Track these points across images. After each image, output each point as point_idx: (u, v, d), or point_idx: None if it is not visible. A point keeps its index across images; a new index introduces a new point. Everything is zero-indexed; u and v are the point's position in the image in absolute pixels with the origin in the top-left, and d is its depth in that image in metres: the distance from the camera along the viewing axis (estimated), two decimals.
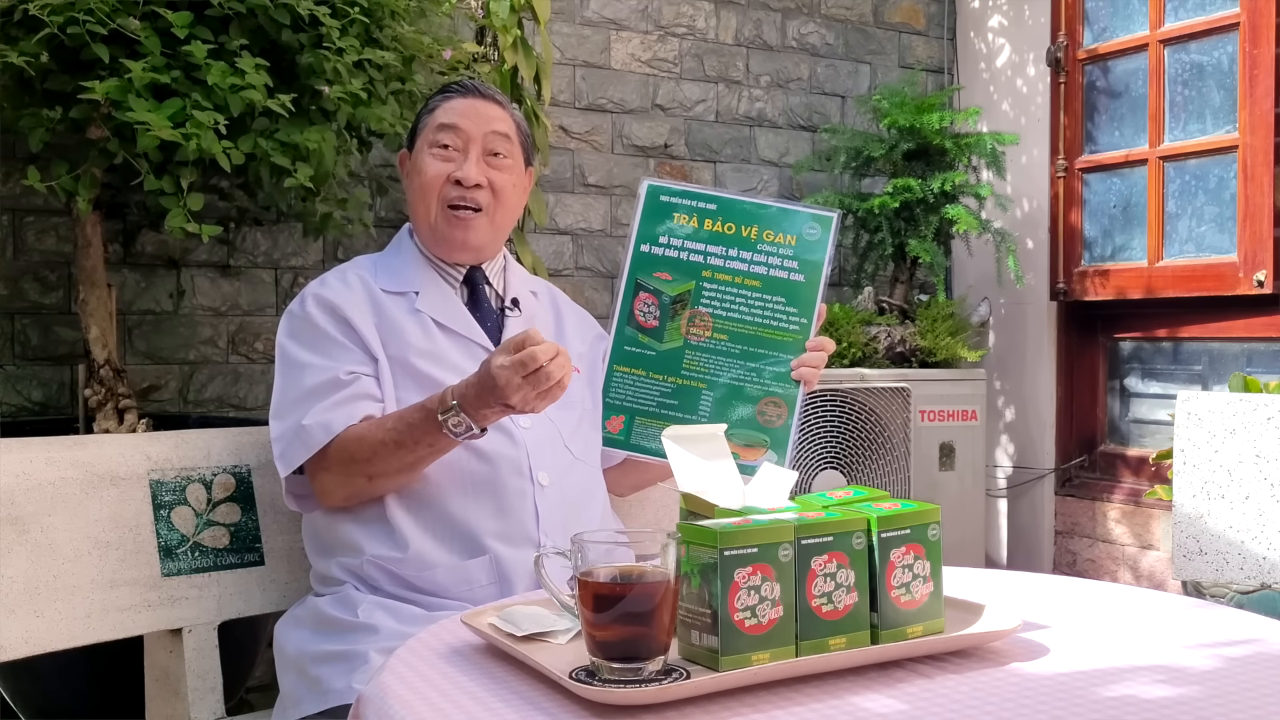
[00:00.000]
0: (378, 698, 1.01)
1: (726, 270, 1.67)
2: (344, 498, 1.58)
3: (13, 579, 1.51)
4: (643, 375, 1.67)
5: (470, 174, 1.67)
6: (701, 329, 1.66)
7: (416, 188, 1.70)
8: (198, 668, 1.67)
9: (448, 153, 1.68)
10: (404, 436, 1.50)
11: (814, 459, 2.93)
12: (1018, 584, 1.40)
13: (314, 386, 1.58)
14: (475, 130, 1.69)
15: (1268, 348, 3.11)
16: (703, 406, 1.65)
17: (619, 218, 3.36)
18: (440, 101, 1.73)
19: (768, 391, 1.64)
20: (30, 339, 2.55)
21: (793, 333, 1.65)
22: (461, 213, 1.68)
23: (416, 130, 1.75)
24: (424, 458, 1.53)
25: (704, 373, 1.65)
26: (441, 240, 1.70)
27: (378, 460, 1.52)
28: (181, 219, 1.97)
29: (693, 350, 1.66)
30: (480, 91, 1.73)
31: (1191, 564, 2.04)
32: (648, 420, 1.66)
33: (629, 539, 1.05)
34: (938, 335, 3.31)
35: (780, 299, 1.65)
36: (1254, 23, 3.03)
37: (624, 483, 1.83)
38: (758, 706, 0.95)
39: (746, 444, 1.62)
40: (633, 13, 3.37)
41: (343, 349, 1.61)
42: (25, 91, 1.97)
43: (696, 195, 1.71)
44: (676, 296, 1.67)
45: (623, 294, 1.69)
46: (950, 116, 3.31)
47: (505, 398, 1.41)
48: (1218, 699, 0.96)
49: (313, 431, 1.54)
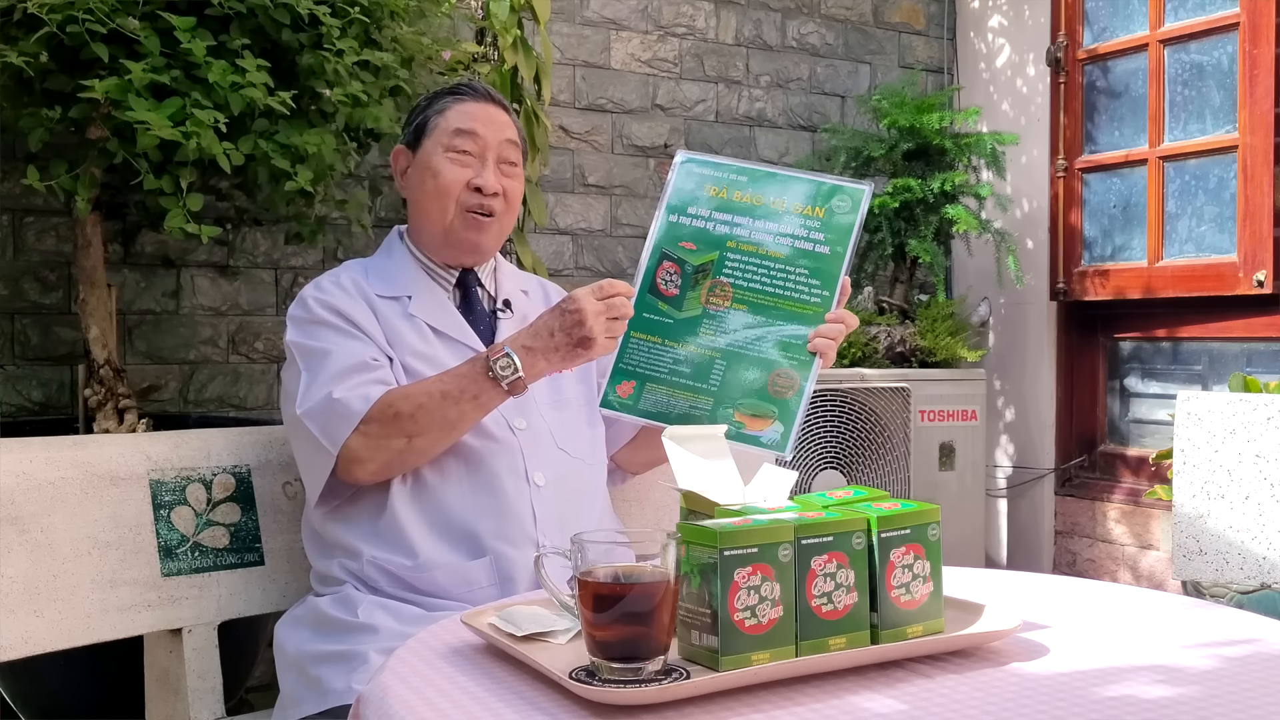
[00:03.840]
0: (378, 698, 1.01)
1: (751, 241, 1.64)
2: (378, 466, 1.53)
3: (13, 579, 1.51)
4: (658, 342, 1.65)
5: (491, 182, 1.68)
6: (721, 298, 1.63)
7: (431, 190, 1.69)
8: (198, 668, 1.67)
9: (465, 158, 1.68)
10: (450, 386, 1.52)
11: (814, 459, 2.93)
12: (1018, 584, 1.40)
13: (342, 369, 1.57)
14: (492, 138, 1.70)
15: (1268, 348, 3.11)
16: (714, 375, 1.61)
17: (619, 218, 3.36)
18: (451, 103, 1.71)
19: (781, 362, 1.59)
20: (30, 339, 2.55)
21: (814, 305, 1.61)
22: (479, 218, 1.68)
23: (423, 129, 1.72)
24: (466, 414, 1.53)
25: (719, 342, 1.62)
26: (455, 244, 1.70)
27: (421, 415, 1.51)
28: (181, 219, 1.97)
29: (710, 319, 1.63)
30: (491, 97, 1.73)
31: (1191, 564, 2.04)
32: (658, 386, 1.64)
33: (629, 539, 1.05)
34: (938, 335, 3.31)
35: (803, 271, 1.62)
36: (1254, 23, 3.03)
37: (637, 459, 1.82)
38: (758, 706, 0.95)
39: (754, 414, 1.58)
40: (633, 13, 3.37)
41: (359, 340, 1.61)
42: (25, 91, 1.97)
43: (729, 167, 1.69)
44: (699, 266, 1.65)
45: (646, 262, 1.67)
46: (950, 116, 3.31)
47: (583, 320, 1.49)
48: (1217, 699, 0.96)
49: (350, 403, 1.52)
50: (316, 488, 1.58)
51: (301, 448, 1.60)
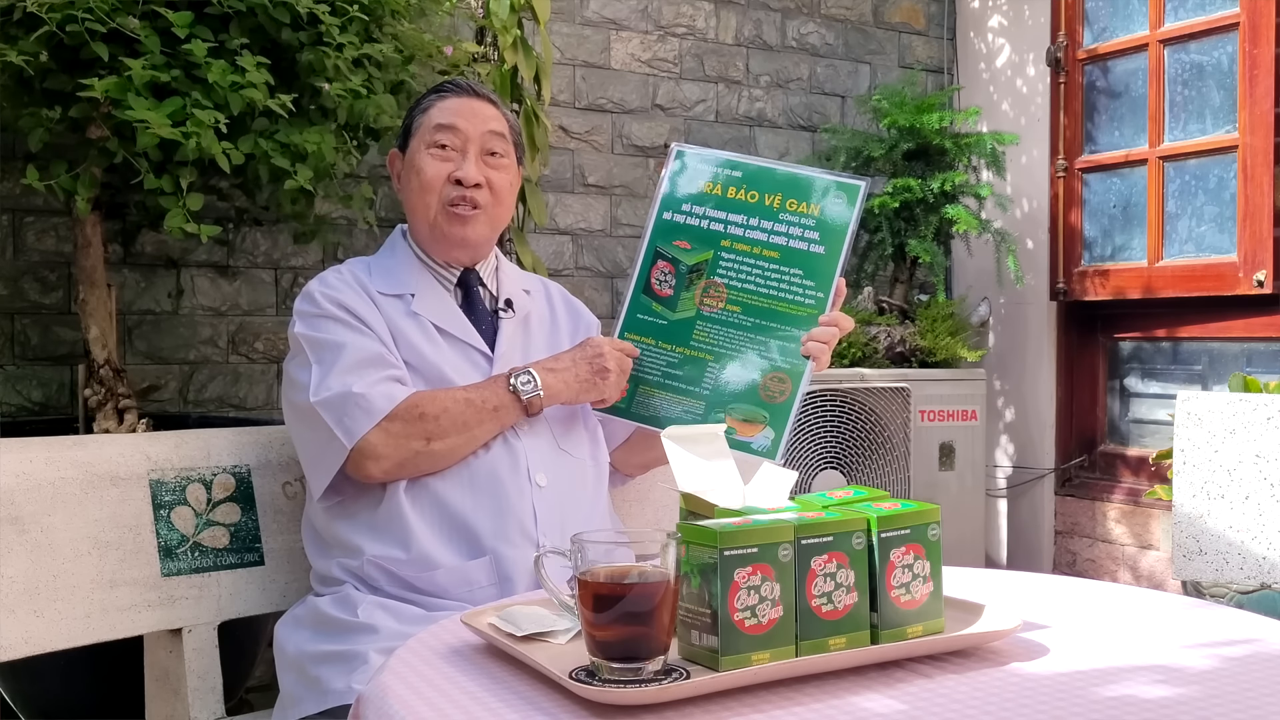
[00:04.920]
0: (378, 698, 1.01)
1: (746, 240, 1.62)
2: (393, 465, 1.54)
3: (13, 579, 1.51)
4: (652, 344, 1.65)
5: (471, 173, 1.67)
6: (715, 300, 1.62)
7: (415, 187, 1.70)
8: (198, 668, 1.67)
9: (446, 152, 1.69)
10: (473, 394, 1.57)
11: (814, 459, 2.93)
12: (1018, 584, 1.40)
13: (357, 362, 1.57)
14: (473, 130, 1.69)
15: (1268, 348, 3.11)
16: (707, 379, 1.60)
17: (619, 218, 3.36)
18: (434, 101, 1.73)
19: (774, 366, 1.58)
20: (30, 339, 2.55)
21: (808, 307, 1.58)
22: (461, 209, 1.68)
23: (410, 130, 1.74)
24: (485, 423, 1.57)
25: (713, 344, 1.61)
26: (441, 238, 1.70)
27: (445, 419, 1.54)
28: (181, 219, 1.97)
29: (704, 321, 1.62)
30: (474, 90, 1.73)
31: (1191, 564, 2.04)
32: (651, 390, 1.63)
33: (629, 539, 1.05)
34: (938, 335, 3.31)
35: (798, 271, 1.59)
36: (1254, 23, 3.03)
37: (631, 461, 1.83)
38: (758, 706, 0.95)
39: (745, 419, 1.57)
40: (633, 13, 3.37)
41: (367, 336, 1.61)
42: (25, 90, 1.96)
43: (724, 162, 1.66)
44: (694, 266, 1.63)
45: (641, 261, 1.66)
46: (950, 116, 3.31)
47: (603, 353, 1.62)
48: (1217, 699, 0.96)
49: (373, 399, 1.53)
50: (323, 481, 1.58)
51: (310, 439, 1.59)
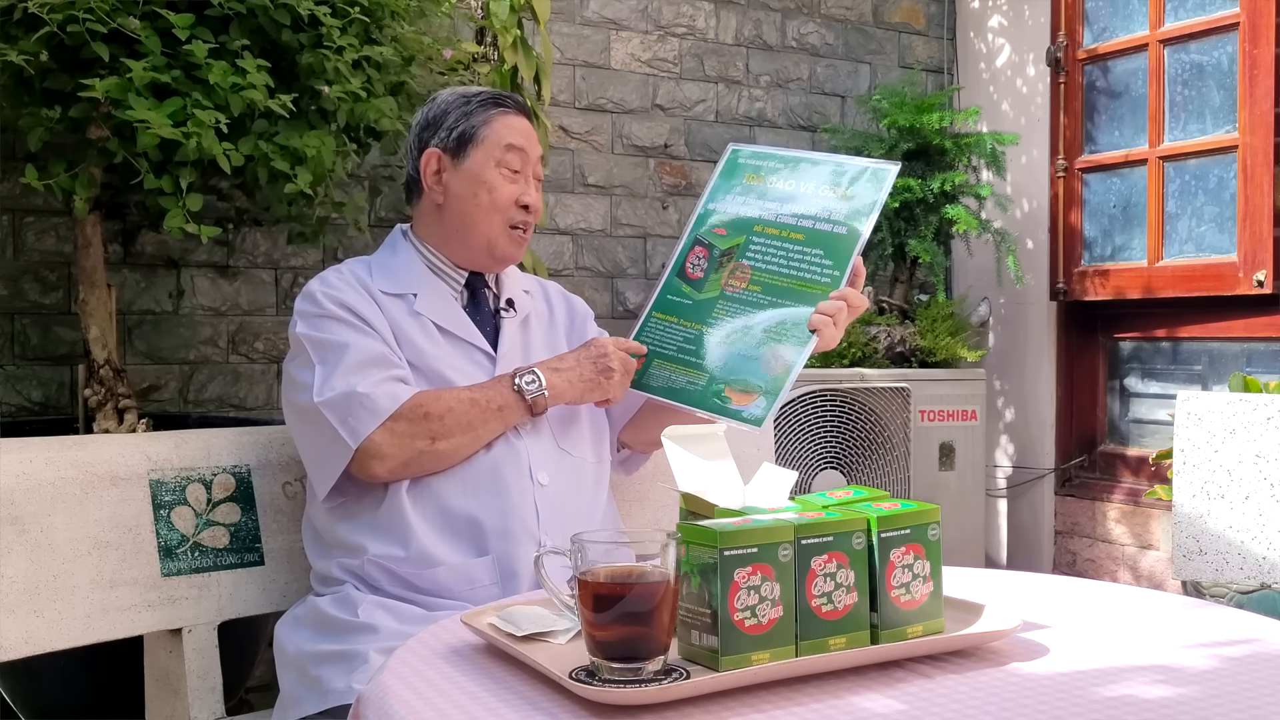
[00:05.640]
0: (378, 698, 1.01)
1: (776, 224, 1.67)
2: (397, 464, 1.54)
3: (13, 579, 1.51)
4: (674, 322, 1.69)
5: (536, 201, 1.72)
6: (739, 280, 1.66)
7: (484, 204, 1.68)
8: (198, 668, 1.67)
9: (515, 176, 1.70)
10: (478, 394, 1.58)
11: (814, 459, 2.93)
12: (1018, 584, 1.40)
13: (360, 362, 1.57)
14: (533, 154, 1.73)
15: (1268, 348, 3.11)
16: (715, 353, 1.64)
17: (619, 218, 3.36)
18: (496, 115, 1.70)
19: (779, 340, 1.60)
20: (30, 339, 2.55)
21: (823, 284, 1.60)
22: (521, 232, 1.72)
23: (469, 138, 1.69)
24: (489, 423, 1.58)
25: (728, 321, 1.64)
26: (498, 257, 1.72)
27: (449, 418, 1.54)
28: (180, 219, 1.97)
29: (726, 300, 1.66)
30: (526, 110, 1.75)
31: (1191, 564, 2.04)
32: (664, 363, 1.67)
33: (629, 539, 1.05)
34: (937, 335, 3.31)
35: (819, 251, 1.62)
36: (1254, 23, 3.03)
37: (641, 439, 1.83)
38: (758, 706, 0.95)
39: (743, 390, 1.59)
40: (633, 13, 3.37)
41: (370, 336, 1.61)
42: (25, 90, 1.96)
43: (771, 156, 1.74)
44: (726, 250, 1.68)
45: (681, 248, 1.73)
46: (950, 116, 3.31)
47: (607, 352, 1.64)
48: (1217, 699, 0.96)
49: (377, 399, 1.53)
50: (327, 482, 1.57)
51: (313, 439, 1.59)
